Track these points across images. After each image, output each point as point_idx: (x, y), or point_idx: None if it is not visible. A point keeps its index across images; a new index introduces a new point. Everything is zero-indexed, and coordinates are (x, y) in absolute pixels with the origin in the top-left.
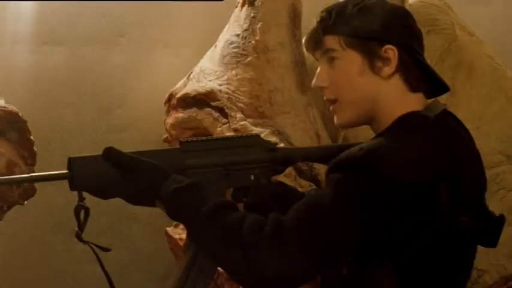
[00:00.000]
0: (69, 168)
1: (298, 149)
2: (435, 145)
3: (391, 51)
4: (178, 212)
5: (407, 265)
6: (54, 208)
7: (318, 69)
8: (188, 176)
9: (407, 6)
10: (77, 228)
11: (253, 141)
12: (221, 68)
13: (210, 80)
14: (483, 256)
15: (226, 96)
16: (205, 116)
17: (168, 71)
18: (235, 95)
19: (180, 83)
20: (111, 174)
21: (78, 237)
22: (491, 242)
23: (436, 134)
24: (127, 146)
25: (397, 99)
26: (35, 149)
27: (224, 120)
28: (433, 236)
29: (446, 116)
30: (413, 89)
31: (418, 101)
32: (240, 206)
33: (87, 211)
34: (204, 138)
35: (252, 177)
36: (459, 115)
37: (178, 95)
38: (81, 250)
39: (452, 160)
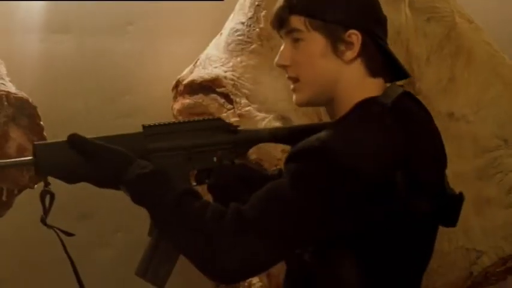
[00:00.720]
0: (34, 154)
1: (260, 130)
2: (391, 134)
3: (354, 36)
4: (142, 198)
5: (368, 252)
6: (61, 193)
7: (282, 47)
8: (151, 160)
9: None
10: (42, 214)
11: (216, 124)
12: (226, 55)
13: (216, 67)
14: (481, 238)
15: (231, 82)
16: (211, 102)
17: (175, 59)
18: (240, 81)
19: (187, 70)
20: (75, 159)
21: (43, 221)
22: (452, 221)
23: (393, 121)
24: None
25: (357, 83)
26: (44, 134)
27: (229, 106)
28: (392, 223)
29: (405, 98)
30: (374, 74)
31: (377, 85)
32: (204, 187)
33: (52, 196)
34: (167, 122)
35: (215, 159)
36: (458, 100)
37: (185, 82)
38: (87, 234)
39: (410, 147)
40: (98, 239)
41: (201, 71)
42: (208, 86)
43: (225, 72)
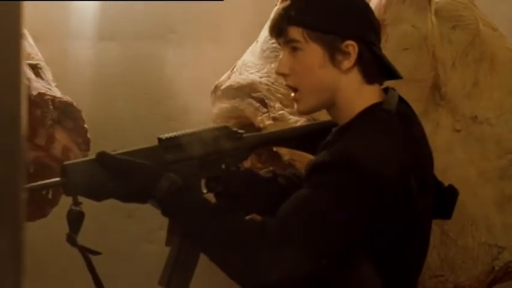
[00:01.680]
0: (62, 174)
1: (262, 135)
2: (404, 142)
3: (351, 47)
4: (174, 210)
5: (384, 251)
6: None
7: (281, 56)
8: (169, 170)
9: (434, 4)
10: (68, 232)
11: (222, 132)
12: (261, 61)
13: (251, 73)
14: (503, 234)
15: (266, 87)
16: (247, 106)
17: (214, 65)
18: (274, 86)
19: (225, 76)
20: (104, 177)
21: (70, 240)
22: (447, 213)
23: (401, 128)
24: None
25: (355, 90)
26: (88, 136)
27: (264, 109)
28: (405, 221)
29: (401, 103)
30: (370, 81)
31: (374, 92)
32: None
33: (81, 216)
34: (180, 133)
35: (223, 166)
36: (482, 104)
37: (222, 87)
38: (134, 231)
39: (417, 152)
40: (143, 236)
41: (237, 77)
42: (244, 91)
43: (260, 77)
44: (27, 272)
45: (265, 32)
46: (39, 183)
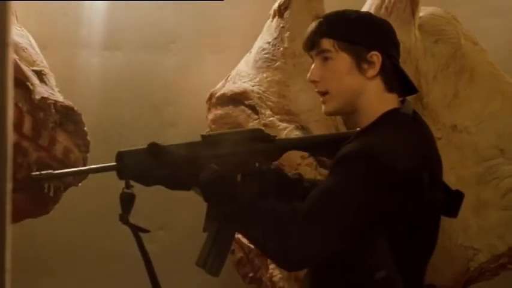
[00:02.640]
0: (117, 160)
1: (291, 140)
2: (418, 140)
3: (376, 57)
4: (216, 196)
5: (398, 235)
6: (108, 196)
7: (313, 66)
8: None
9: (418, 18)
10: (120, 212)
11: (257, 134)
12: (254, 71)
13: (244, 82)
14: (478, 237)
15: (258, 95)
16: (239, 113)
17: (212, 74)
18: (265, 94)
19: (220, 84)
20: (153, 165)
21: (123, 220)
22: (453, 212)
23: (416, 129)
24: (177, 139)
25: (377, 96)
26: (88, 138)
27: (255, 116)
28: (418, 211)
29: (416, 113)
30: (390, 89)
31: (394, 100)
32: None
33: (133, 198)
34: (220, 132)
35: (257, 164)
36: (461, 114)
37: (217, 95)
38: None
39: (429, 151)
40: (144, 235)
41: (231, 85)
42: (237, 99)
43: (252, 86)
44: (31, 268)
45: (258, 43)
46: (95, 166)
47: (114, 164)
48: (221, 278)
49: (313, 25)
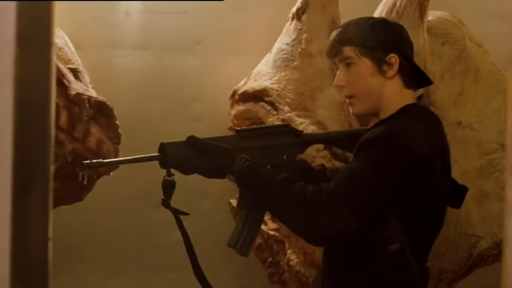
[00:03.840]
0: (160, 151)
1: (317, 134)
2: (432, 129)
3: (393, 59)
4: (250, 183)
5: (408, 216)
6: (138, 183)
7: (338, 72)
8: None
9: (426, 22)
10: (162, 197)
11: (285, 128)
12: (273, 70)
13: (264, 80)
14: (480, 225)
15: (277, 93)
16: (259, 109)
17: (234, 73)
18: (283, 92)
19: (242, 82)
20: (192, 155)
21: (165, 204)
22: (457, 204)
23: (431, 120)
24: (202, 133)
25: (397, 93)
26: (119, 131)
27: (274, 112)
28: (429, 195)
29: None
30: (408, 86)
31: (411, 95)
32: None
33: (174, 184)
34: (253, 127)
35: (285, 156)
36: (466, 111)
37: (239, 92)
38: (161, 219)
39: (441, 140)
40: (168, 224)
41: (252, 83)
42: (257, 96)
43: (272, 84)
44: (66, 253)
45: (277, 44)
46: (138, 156)
47: (157, 154)
48: (241, 263)
49: (333, 34)
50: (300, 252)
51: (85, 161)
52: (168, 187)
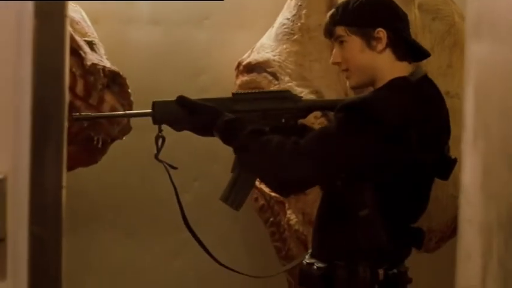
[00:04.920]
0: (152, 108)
1: (316, 100)
2: (410, 101)
3: (381, 33)
4: (228, 137)
5: (384, 184)
6: (151, 149)
7: (334, 50)
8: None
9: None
10: (155, 152)
11: (285, 94)
12: (275, 43)
13: (267, 52)
14: None
15: (278, 64)
16: (262, 79)
17: (240, 46)
18: (284, 63)
19: (246, 55)
20: (181, 113)
21: (156, 157)
22: (445, 176)
23: (413, 93)
24: None
25: (389, 66)
26: (131, 99)
27: (276, 82)
28: (405, 164)
29: (424, 80)
30: (400, 58)
31: (404, 67)
32: None
33: (163, 139)
34: (249, 91)
35: (283, 120)
36: (454, 82)
37: (244, 63)
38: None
39: (422, 114)
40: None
41: (255, 55)
42: (260, 67)
43: (274, 56)
44: (83, 215)
45: (279, 19)
46: (133, 112)
47: (150, 111)
48: (244, 224)
49: (327, 16)
50: (299, 212)
51: (74, 114)
52: (159, 142)
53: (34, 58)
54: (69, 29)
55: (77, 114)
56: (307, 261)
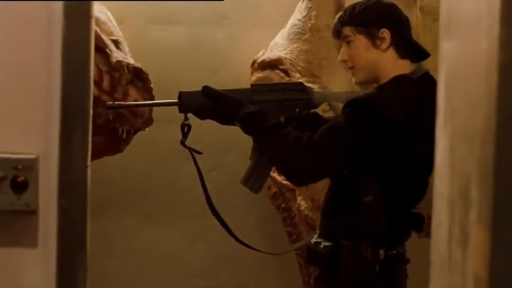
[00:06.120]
0: (179, 98)
1: (327, 92)
2: (411, 97)
3: (385, 33)
4: (250, 128)
5: (385, 173)
6: (173, 139)
7: (341, 49)
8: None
9: (419, 1)
10: (181, 138)
11: (299, 86)
12: (287, 42)
13: (279, 51)
14: None
15: (289, 62)
16: (275, 76)
17: (256, 44)
18: (295, 61)
19: (260, 53)
20: (206, 103)
21: (182, 143)
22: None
23: (414, 89)
24: None
25: (392, 64)
26: (153, 93)
27: (287, 78)
28: (405, 155)
29: (426, 77)
30: (402, 57)
31: (406, 65)
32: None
33: (189, 127)
34: (267, 83)
35: (297, 110)
36: None
37: (258, 61)
38: (192, 171)
39: (421, 108)
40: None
41: (269, 54)
42: (273, 64)
43: (285, 54)
44: (108, 201)
45: (291, 20)
46: (160, 101)
47: (176, 100)
48: (257, 211)
49: (336, 18)
50: (308, 198)
51: (108, 103)
52: (185, 129)
53: (63, 52)
54: (94, 27)
55: (111, 103)
56: (315, 241)
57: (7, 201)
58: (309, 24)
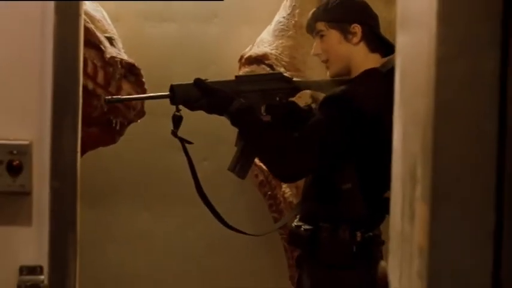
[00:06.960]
0: (170, 91)
1: (306, 81)
2: (381, 90)
3: (356, 28)
4: (239, 123)
5: (362, 163)
6: (165, 130)
7: (315, 43)
8: (240, 97)
9: None
10: (172, 128)
11: (279, 76)
12: (273, 38)
13: (265, 46)
14: None
15: (274, 57)
16: (261, 70)
17: (245, 40)
18: (280, 56)
19: (248, 48)
20: (197, 95)
21: (174, 134)
22: None
23: (384, 83)
24: None
25: (363, 57)
26: (145, 87)
27: None
28: (379, 147)
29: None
30: (372, 50)
31: (377, 59)
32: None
33: (180, 118)
34: (250, 74)
35: (277, 98)
36: None
37: (245, 56)
38: (180, 163)
39: (391, 101)
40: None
41: (255, 49)
42: (259, 59)
43: (271, 50)
44: (104, 189)
45: (276, 17)
46: (153, 94)
47: (168, 93)
48: (246, 198)
49: (309, 14)
50: (293, 186)
51: (106, 97)
52: (177, 120)
53: (55, 47)
54: (88, 24)
55: (109, 97)
56: (296, 224)
57: (3, 183)
58: (293, 22)
